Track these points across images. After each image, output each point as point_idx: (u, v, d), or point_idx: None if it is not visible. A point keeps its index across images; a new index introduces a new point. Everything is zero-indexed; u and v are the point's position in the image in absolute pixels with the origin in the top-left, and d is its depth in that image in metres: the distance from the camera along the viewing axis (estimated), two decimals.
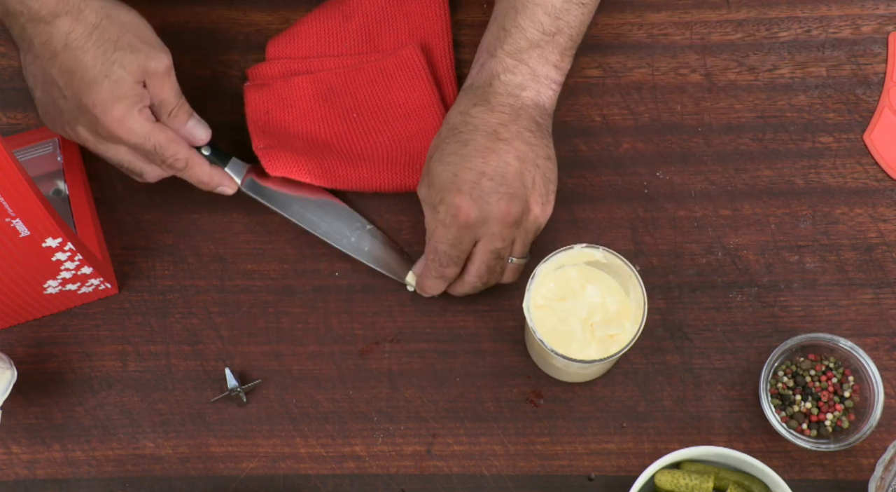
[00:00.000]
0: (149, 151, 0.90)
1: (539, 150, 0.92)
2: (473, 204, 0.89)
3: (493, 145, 0.90)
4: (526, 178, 0.90)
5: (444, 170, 0.90)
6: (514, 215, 0.90)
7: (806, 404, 0.92)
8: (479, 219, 0.89)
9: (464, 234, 0.90)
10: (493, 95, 0.92)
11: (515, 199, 0.89)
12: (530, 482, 0.94)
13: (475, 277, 0.93)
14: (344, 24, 1.04)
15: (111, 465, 0.95)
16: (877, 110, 1.01)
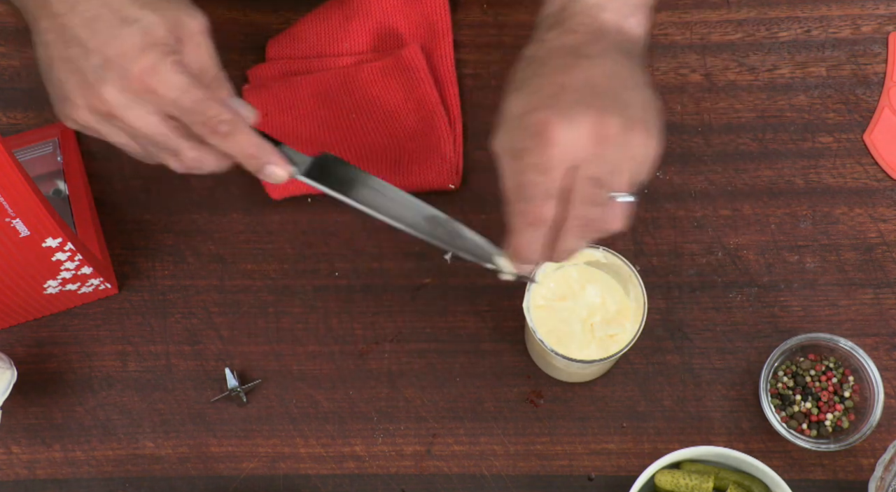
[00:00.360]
0: (187, 110, 0.75)
1: (634, 73, 0.77)
2: (558, 116, 0.72)
3: (576, 61, 0.75)
4: (620, 95, 0.74)
5: (518, 96, 0.75)
6: (610, 131, 0.72)
7: (806, 404, 0.92)
8: (568, 135, 0.71)
9: (553, 154, 0.72)
10: (569, 18, 0.78)
11: (609, 111, 0.73)
12: (530, 482, 0.94)
13: (577, 219, 0.73)
14: (344, 24, 1.04)
15: (111, 465, 0.95)
16: (877, 110, 1.01)
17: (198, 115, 0.75)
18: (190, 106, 0.75)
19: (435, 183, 0.99)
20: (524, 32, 1.04)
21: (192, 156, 0.78)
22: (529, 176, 0.73)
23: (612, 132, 0.72)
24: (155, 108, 0.76)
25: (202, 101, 0.75)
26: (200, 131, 0.76)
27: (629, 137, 0.73)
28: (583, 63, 0.75)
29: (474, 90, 1.03)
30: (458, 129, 1.01)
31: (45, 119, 1.03)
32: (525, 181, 0.73)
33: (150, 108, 0.75)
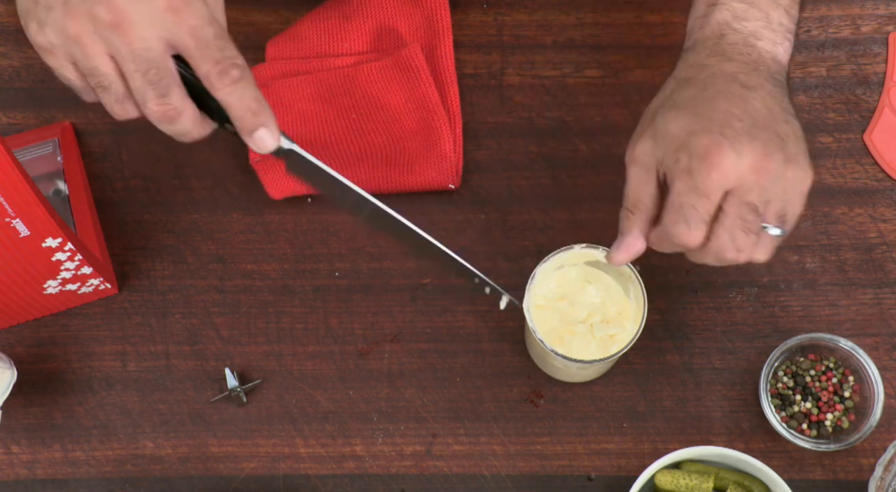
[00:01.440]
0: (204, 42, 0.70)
1: (785, 105, 0.78)
2: (727, 143, 0.73)
3: (738, 90, 0.76)
4: (779, 128, 0.76)
5: (679, 116, 0.76)
6: (772, 162, 0.74)
7: (806, 404, 0.92)
8: (732, 161, 0.73)
9: (715, 179, 0.73)
10: (728, 45, 0.79)
11: (772, 144, 0.74)
12: (530, 482, 0.94)
13: (729, 240, 0.75)
14: (344, 24, 1.04)
15: (111, 465, 0.95)
16: (877, 110, 1.01)
17: (214, 52, 0.71)
18: (209, 38, 0.70)
19: (435, 183, 0.99)
20: (524, 32, 1.05)
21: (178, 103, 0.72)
22: (690, 198, 0.74)
23: (773, 166, 0.74)
24: (166, 31, 0.70)
25: (222, 37, 0.71)
26: (207, 70, 0.71)
27: (786, 171, 0.75)
28: (744, 94, 0.76)
29: (474, 90, 1.03)
30: (458, 128, 1.01)
31: (45, 119, 1.03)
32: (684, 203, 0.74)
33: (161, 29, 0.70)
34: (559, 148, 1.01)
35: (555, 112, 1.02)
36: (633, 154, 0.78)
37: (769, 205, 0.76)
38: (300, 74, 1.02)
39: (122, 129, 1.03)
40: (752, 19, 0.80)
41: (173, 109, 0.72)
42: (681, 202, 0.75)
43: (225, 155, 1.01)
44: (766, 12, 0.81)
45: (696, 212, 0.74)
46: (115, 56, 0.71)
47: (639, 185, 0.78)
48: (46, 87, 1.04)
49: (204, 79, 0.71)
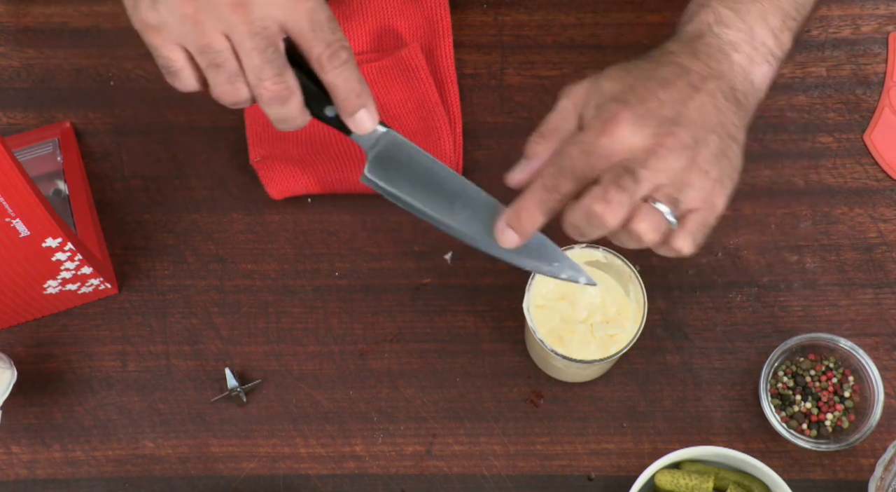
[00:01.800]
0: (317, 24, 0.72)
1: (727, 122, 0.76)
2: (632, 118, 0.73)
3: (682, 86, 0.75)
4: (698, 134, 0.74)
5: (620, 77, 0.76)
6: (668, 154, 0.73)
7: (806, 404, 0.93)
8: (628, 135, 0.72)
9: (603, 144, 0.73)
10: (701, 44, 0.77)
11: (675, 140, 0.73)
12: (530, 482, 0.94)
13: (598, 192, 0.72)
14: (344, 24, 1.04)
15: (111, 465, 0.95)
16: (877, 110, 1.01)
17: (327, 34, 0.72)
18: (323, 21, 0.72)
19: None
20: (524, 32, 1.04)
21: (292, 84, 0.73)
22: (573, 149, 0.73)
23: (668, 155, 0.72)
24: (283, 16, 0.72)
25: (333, 20, 0.73)
26: (318, 53, 0.72)
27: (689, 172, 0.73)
28: (686, 91, 0.75)
29: (474, 90, 1.03)
30: (458, 128, 1.01)
31: (45, 119, 1.03)
32: (566, 150, 0.74)
33: (279, 13, 0.71)
34: None
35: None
36: (569, 89, 0.77)
37: (660, 188, 0.73)
38: None
39: (122, 129, 1.03)
40: (734, 28, 0.78)
41: (287, 90, 0.73)
42: (564, 149, 0.74)
43: (225, 155, 1.02)
44: (750, 26, 0.79)
45: (572, 163, 0.73)
46: (231, 35, 0.71)
47: (561, 116, 0.76)
48: (46, 87, 1.04)
49: (315, 61, 0.72)
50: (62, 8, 1.05)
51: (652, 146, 0.73)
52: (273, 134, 1.01)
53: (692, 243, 0.76)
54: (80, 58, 1.04)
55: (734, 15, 0.78)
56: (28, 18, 1.05)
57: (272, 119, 0.76)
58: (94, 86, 1.04)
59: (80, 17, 1.05)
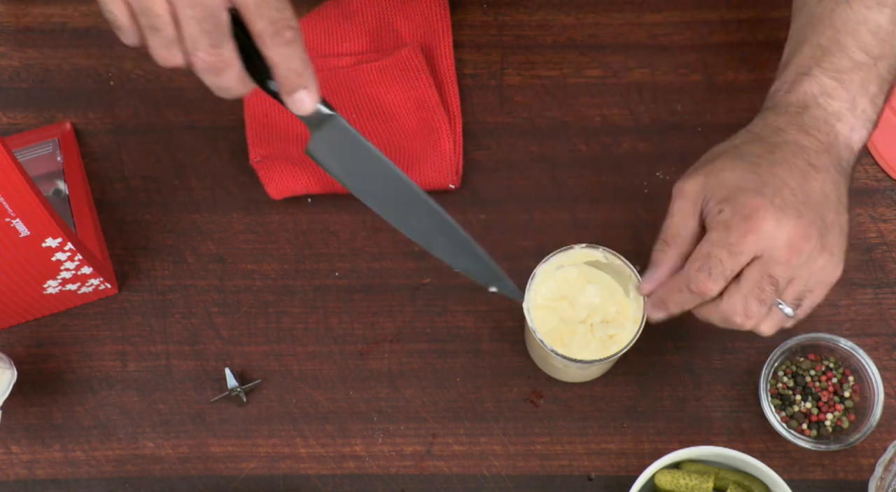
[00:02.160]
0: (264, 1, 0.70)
1: (843, 196, 0.79)
2: (772, 211, 0.75)
3: (803, 166, 0.78)
4: (827, 215, 0.77)
5: (739, 166, 0.77)
6: (807, 243, 0.76)
7: (806, 404, 0.93)
8: (772, 230, 0.75)
9: (749, 241, 0.75)
10: (808, 118, 0.80)
11: (814, 226, 0.76)
12: (530, 482, 0.94)
13: (739, 306, 0.76)
14: (344, 24, 1.04)
15: (111, 465, 0.95)
16: None
17: (272, 11, 0.70)
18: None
19: (435, 183, 0.99)
20: (524, 32, 1.05)
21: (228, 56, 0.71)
22: (719, 252, 0.76)
23: (808, 248, 0.76)
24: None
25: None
26: (261, 28, 0.70)
27: (819, 257, 0.77)
28: (807, 171, 0.77)
29: (474, 90, 1.03)
30: (458, 129, 1.01)
31: (45, 119, 1.03)
32: (713, 253, 0.76)
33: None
34: (559, 148, 1.01)
35: (555, 112, 1.02)
36: (683, 187, 0.80)
37: (791, 283, 0.78)
38: None
39: (122, 129, 1.03)
40: (838, 99, 0.80)
41: (222, 61, 0.71)
42: (709, 252, 0.76)
43: (225, 155, 1.02)
44: (853, 96, 0.81)
45: (721, 266, 0.76)
46: (173, 1, 0.70)
47: (682, 219, 0.79)
48: (46, 87, 1.04)
49: (257, 36, 0.71)
50: (62, 8, 1.06)
51: (793, 240, 0.75)
52: (273, 134, 1.01)
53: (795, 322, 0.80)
54: (80, 58, 1.04)
55: (838, 85, 0.80)
56: (28, 18, 1.05)
57: (210, 87, 0.74)
58: (94, 86, 1.04)
59: (80, 17, 1.05)
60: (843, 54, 0.81)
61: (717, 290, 0.77)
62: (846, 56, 0.81)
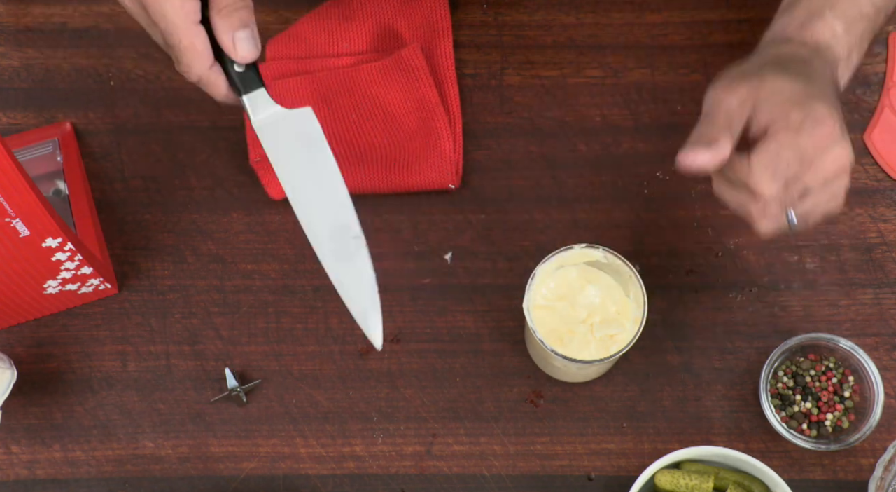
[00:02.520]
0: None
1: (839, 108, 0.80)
2: (840, 123, 0.76)
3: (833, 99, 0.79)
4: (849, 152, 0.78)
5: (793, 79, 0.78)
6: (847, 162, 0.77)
7: (806, 404, 0.92)
8: (841, 141, 0.76)
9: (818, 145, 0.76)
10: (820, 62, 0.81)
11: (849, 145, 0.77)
12: (530, 482, 0.94)
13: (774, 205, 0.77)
14: (344, 24, 1.04)
15: (111, 465, 0.95)
16: (877, 110, 1.01)
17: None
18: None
19: (435, 183, 0.99)
20: (524, 32, 1.04)
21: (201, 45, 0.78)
22: (787, 152, 0.75)
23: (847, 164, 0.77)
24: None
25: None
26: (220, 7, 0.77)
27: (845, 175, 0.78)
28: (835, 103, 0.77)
29: (474, 90, 1.03)
30: (458, 128, 1.01)
31: (45, 119, 1.03)
32: (783, 154, 0.75)
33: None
34: (559, 148, 1.01)
35: (555, 112, 1.02)
36: (725, 94, 0.78)
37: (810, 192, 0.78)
38: (300, 74, 1.02)
39: (122, 129, 1.03)
40: (840, 46, 0.82)
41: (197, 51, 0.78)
42: (778, 151, 0.75)
43: (225, 155, 1.02)
44: (851, 46, 0.83)
45: (786, 166, 0.75)
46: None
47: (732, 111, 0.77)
48: (46, 87, 1.04)
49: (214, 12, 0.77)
50: (62, 8, 1.05)
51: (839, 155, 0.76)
52: None
53: None
54: (80, 58, 1.04)
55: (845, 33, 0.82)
56: (28, 18, 1.05)
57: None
58: (94, 86, 1.04)
59: (80, 17, 1.05)
60: (853, 3, 0.82)
61: (775, 190, 0.76)
62: (856, 5, 0.82)
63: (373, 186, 0.99)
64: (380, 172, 0.99)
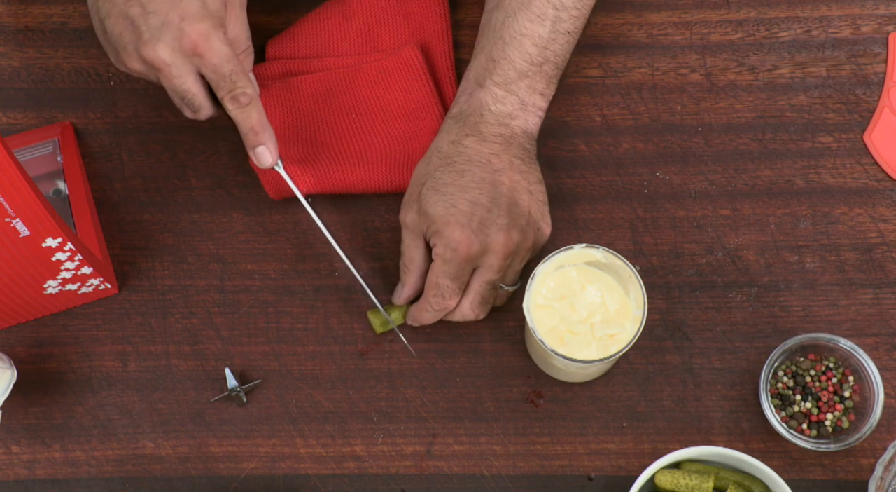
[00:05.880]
0: (222, 76, 0.89)
1: (530, 176, 0.93)
2: (474, 237, 0.89)
3: (489, 176, 0.91)
4: (521, 207, 0.91)
5: (438, 200, 0.90)
6: (512, 245, 0.90)
7: (806, 404, 0.93)
8: (479, 251, 0.90)
9: (464, 267, 0.90)
10: (485, 126, 0.93)
11: (513, 228, 0.90)
12: (530, 482, 0.94)
13: (469, 310, 0.93)
14: (344, 24, 1.04)
15: (111, 465, 0.95)
16: (877, 110, 1.01)
17: (227, 83, 0.89)
18: (226, 74, 0.89)
19: None
20: None
21: (208, 113, 0.92)
22: (445, 281, 0.91)
23: (513, 246, 0.90)
24: (194, 69, 0.89)
25: (236, 73, 0.89)
26: (223, 96, 0.90)
27: (525, 242, 0.92)
28: (494, 178, 0.91)
29: None
30: None
31: (45, 119, 1.03)
32: (441, 283, 0.91)
33: (190, 68, 0.88)
34: (559, 148, 1.01)
35: (555, 112, 1.02)
36: (405, 221, 0.93)
37: (507, 272, 0.92)
38: (300, 74, 1.02)
39: (122, 129, 1.03)
40: (509, 104, 0.94)
41: (204, 116, 0.92)
42: (437, 282, 0.91)
43: (225, 155, 1.02)
44: (522, 99, 0.94)
45: (450, 290, 0.91)
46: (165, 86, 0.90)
47: (411, 247, 0.93)
48: (46, 87, 1.04)
49: (221, 100, 0.90)
50: (62, 8, 1.06)
51: (498, 250, 0.90)
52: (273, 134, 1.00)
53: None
54: (80, 58, 1.04)
55: (507, 93, 0.94)
56: (28, 18, 1.05)
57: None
58: (94, 86, 1.04)
59: (80, 17, 1.05)
60: (510, 67, 0.94)
61: (454, 304, 0.92)
62: (513, 68, 0.94)
63: (373, 185, 0.99)
64: (380, 172, 0.99)
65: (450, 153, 0.93)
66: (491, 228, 0.90)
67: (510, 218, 0.90)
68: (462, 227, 0.89)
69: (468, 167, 0.92)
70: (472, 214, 0.90)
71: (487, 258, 0.90)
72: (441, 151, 0.94)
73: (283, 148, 1.00)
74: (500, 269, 0.91)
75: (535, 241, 0.93)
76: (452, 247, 0.89)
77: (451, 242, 0.89)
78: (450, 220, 0.90)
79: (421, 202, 0.92)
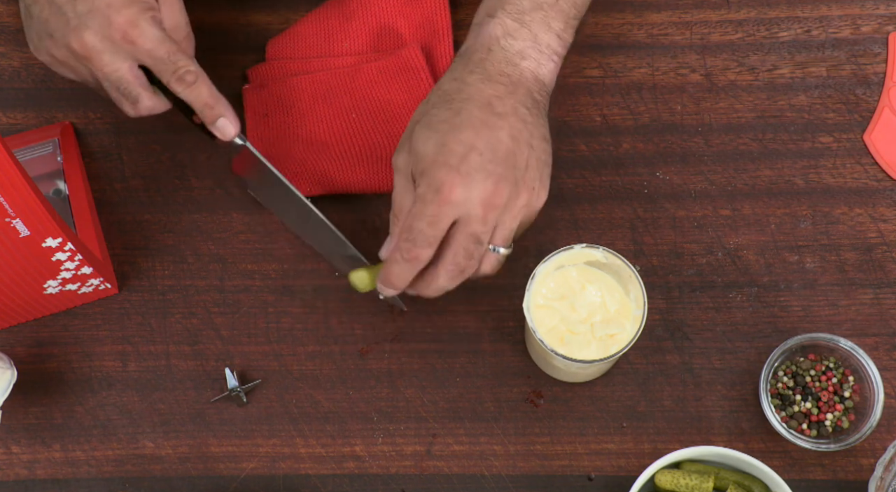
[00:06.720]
0: (159, 59, 0.86)
1: (535, 129, 0.85)
2: (459, 179, 0.82)
3: (487, 118, 0.84)
4: (519, 159, 0.84)
5: (430, 137, 0.83)
6: (501, 198, 0.83)
7: (806, 404, 0.93)
8: (463, 197, 0.82)
9: (444, 211, 0.82)
10: (491, 63, 0.86)
11: (505, 180, 0.83)
12: (530, 482, 0.94)
13: (451, 265, 0.84)
14: (344, 24, 1.04)
15: (111, 465, 0.95)
16: (877, 110, 1.01)
17: (168, 65, 0.87)
18: (163, 56, 0.86)
19: None
20: None
21: (149, 105, 0.89)
22: (419, 224, 0.83)
23: (500, 201, 0.83)
24: (128, 57, 0.86)
25: (174, 53, 0.87)
26: (168, 79, 0.87)
27: (515, 200, 0.84)
28: (493, 122, 0.84)
29: None
30: None
31: (45, 119, 1.03)
32: (414, 226, 0.83)
33: (124, 55, 0.86)
34: (559, 148, 1.01)
35: (555, 112, 1.02)
36: (396, 163, 0.86)
37: (497, 230, 0.84)
38: (300, 74, 1.02)
39: (122, 129, 1.03)
40: (520, 39, 0.87)
41: (145, 108, 0.90)
42: (411, 225, 0.83)
43: (225, 155, 1.02)
44: (535, 34, 0.87)
45: (424, 235, 0.83)
46: (96, 77, 0.88)
47: (400, 192, 0.86)
48: (46, 87, 1.04)
49: (167, 85, 0.88)
50: None
51: (485, 200, 0.82)
52: (273, 135, 1.01)
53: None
54: None
55: (519, 26, 0.87)
56: None
57: None
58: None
59: None
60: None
61: (426, 255, 0.83)
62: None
63: (373, 185, 0.99)
64: (380, 171, 0.99)
65: (449, 90, 0.86)
66: (479, 174, 0.82)
67: (504, 167, 0.83)
68: (449, 167, 0.82)
69: (465, 106, 0.84)
70: (462, 156, 0.82)
71: (472, 207, 0.82)
72: (441, 88, 0.87)
73: (284, 148, 1.00)
74: (484, 221, 0.83)
75: (528, 201, 0.85)
76: (435, 187, 0.82)
77: (434, 182, 0.82)
78: (437, 159, 0.82)
79: (412, 141, 0.85)
